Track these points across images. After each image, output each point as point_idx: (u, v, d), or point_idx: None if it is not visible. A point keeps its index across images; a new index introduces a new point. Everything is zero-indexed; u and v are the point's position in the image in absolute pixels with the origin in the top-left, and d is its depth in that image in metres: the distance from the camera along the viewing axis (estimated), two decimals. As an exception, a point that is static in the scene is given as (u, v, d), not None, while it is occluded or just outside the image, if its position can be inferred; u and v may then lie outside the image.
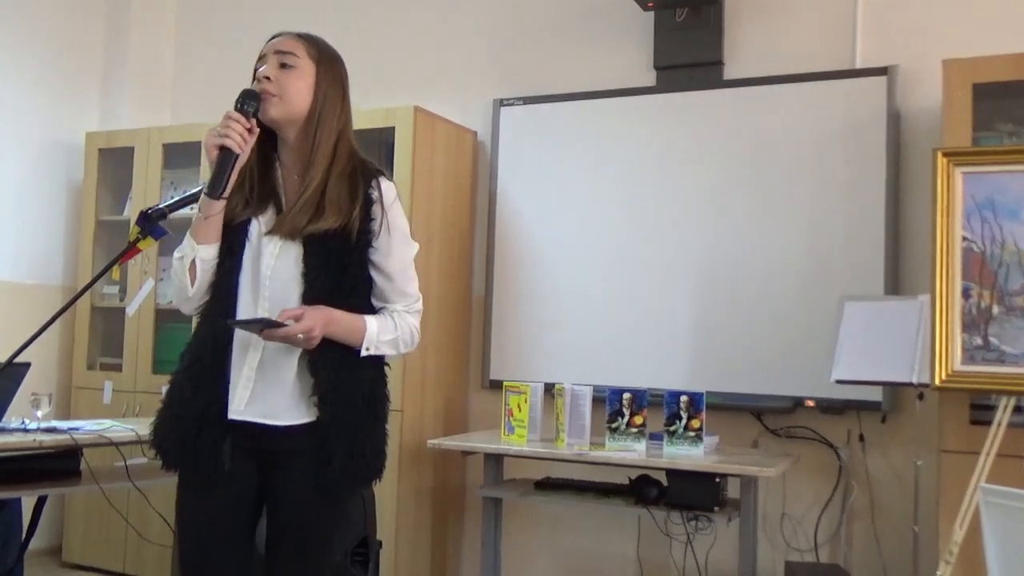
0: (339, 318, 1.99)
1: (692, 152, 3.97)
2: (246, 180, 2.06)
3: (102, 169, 4.88)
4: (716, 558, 3.70)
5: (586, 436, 3.45)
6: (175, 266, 2.06)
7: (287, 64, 2.05)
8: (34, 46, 4.87)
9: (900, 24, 3.73)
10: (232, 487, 2.03)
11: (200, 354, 2.05)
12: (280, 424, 1.99)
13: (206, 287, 2.06)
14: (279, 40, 2.09)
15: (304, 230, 1.99)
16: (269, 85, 2.02)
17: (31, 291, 4.81)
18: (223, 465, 2.01)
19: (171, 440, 2.04)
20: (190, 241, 2.04)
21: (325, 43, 2.14)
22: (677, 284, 3.94)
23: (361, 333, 2.03)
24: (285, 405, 2.00)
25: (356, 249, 2.04)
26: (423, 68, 4.62)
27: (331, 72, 2.09)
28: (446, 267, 4.24)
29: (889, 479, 3.59)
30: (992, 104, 3.20)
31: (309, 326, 1.92)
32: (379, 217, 2.05)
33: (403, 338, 2.11)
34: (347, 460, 1.99)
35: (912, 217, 3.60)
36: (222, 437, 2.01)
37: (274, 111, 2.03)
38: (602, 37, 4.25)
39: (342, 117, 2.08)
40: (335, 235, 2.00)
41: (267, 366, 2.01)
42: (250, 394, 2.00)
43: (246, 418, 1.99)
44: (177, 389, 2.06)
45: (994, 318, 2.74)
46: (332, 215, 2.00)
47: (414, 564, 4.01)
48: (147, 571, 4.42)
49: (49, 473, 3.22)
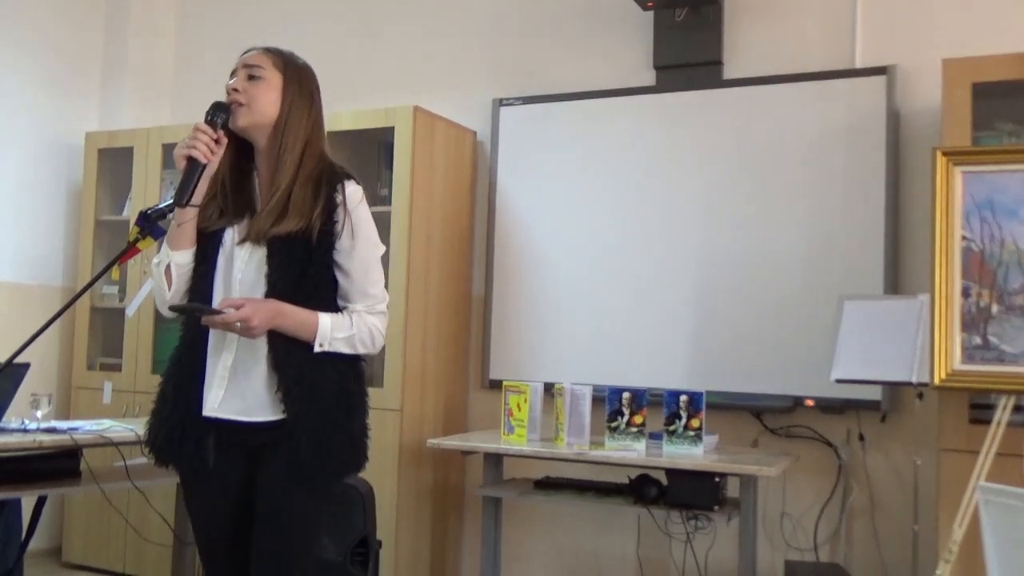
0: (289, 312, 2.06)
1: (691, 152, 3.97)
2: (220, 190, 2.17)
3: (102, 169, 4.88)
4: (716, 557, 3.70)
5: (586, 435, 3.45)
6: (153, 271, 2.17)
7: (254, 76, 2.14)
8: (34, 46, 4.87)
9: (900, 24, 3.73)
10: (219, 481, 2.13)
11: (179, 356, 2.17)
12: (254, 420, 2.08)
13: (184, 291, 2.16)
14: (248, 55, 2.20)
15: (267, 233, 2.08)
16: (237, 95, 2.13)
17: (31, 291, 4.81)
18: (207, 461, 2.11)
19: (160, 439, 2.14)
20: (166, 248, 2.15)
21: (292, 55, 2.23)
22: (677, 283, 3.94)
23: (313, 328, 2.08)
24: (258, 402, 2.08)
25: (317, 251, 2.10)
26: (423, 68, 4.62)
27: (297, 81, 2.18)
28: (446, 267, 4.25)
29: (889, 478, 3.60)
30: (992, 103, 3.20)
31: (246, 315, 1.99)
32: (341, 219, 2.12)
33: (360, 337, 2.14)
34: (314, 452, 2.06)
35: (911, 216, 3.60)
36: (206, 434, 2.10)
37: (243, 120, 2.13)
38: (602, 37, 4.25)
39: (309, 123, 2.17)
40: (297, 237, 2.08)
41: (240, 365, 2.09)
42: (224, 392, 2.09)
43: (220, 415, 2.09)
44: (163, 389, 2.18)
45: (993, 317, 2.75)
46: (294, 217, 2.08)
47: (414, 563, 4.01)
48: (147, 571, 4.42)
49: (49, 473, 3.22)
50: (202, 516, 2.19)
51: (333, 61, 4.66)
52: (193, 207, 2.10)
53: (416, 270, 4.02)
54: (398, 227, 3.97)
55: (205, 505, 2.17)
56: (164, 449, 2.14)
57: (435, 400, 4.16)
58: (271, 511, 2.08)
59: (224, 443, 2.12)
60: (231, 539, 2.14)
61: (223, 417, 2.09)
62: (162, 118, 5.23)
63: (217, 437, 2.11)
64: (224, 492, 2.13)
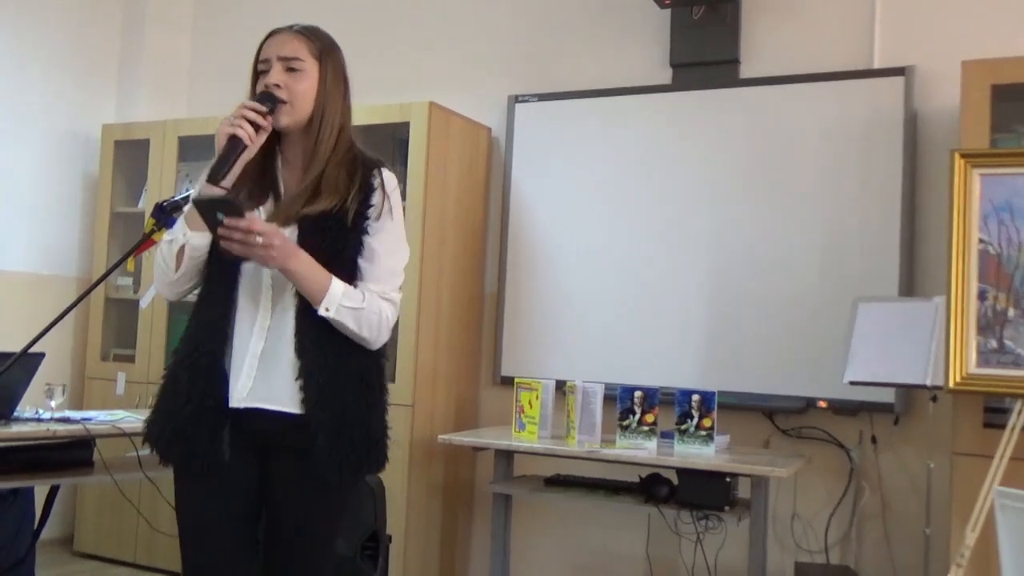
0: (305, 259, 1.94)
1: (707, 150, 3.95)
2: (248, 174, 2.04)
3: (118, 161, 4.90)
4: (726, 558, 3.69)
5: (597, 434, 3.45)
6: (163, 248, 2.04)
7: (293, 68, 2.03)
8: (51, 38, 4.89)
9: (918, 24, 3.71)
10: (230, 477, 2.00)
11: (197, 343, 2.02)
12: (282, 410, 1.97)
13: (192, 275, 2.04)
14: (281, 41, 2.06)
15: (299, 213, 1.99)
16: (280, 92, 2.01)
17: (46, 282, 4.83)
18: (222, 455, 1.98)
19: (168, 432, 2.01)
20: (183, 226, 2.01)
21: (325, 34, 2.12)
22: (690, 282, 3.93)
23: (324, 287, 1.96)
24: (284, 390, 1.97)
25: (353, 232, 2.01)
26: (438, 64, 4.62)
27: (332, 67, 2.08)
28: (459, 263, 4.25)
29: (901, 481, 3.58)
30: (1010, 106, 3.17)
31: (270, 231, 1.88)
32: (379, 202, 2.05)
33: (368, 317, 2.01)
34: (332, 449, 1.95)
35: (928, 218, 3.58)
36: (221, 426, 1.98)
37: (285, 119, 2.02)
38: (618, 34, 4.24)
39: (344, 111, 2.09)
40: (331, 217, 1.99)
41: (269, 352, 1.99)
42: (252, 383, 1.98)
43: (249, 405, 1.97)
44: (172, 381, 2.04)
45: (1009, 321, 2.73)
46: (328, 196, 1.99)
47: (424, 559, 4.02)
48: (158, 561, 4.44)
49: (62, 463, 3.23)
50: (201, 514, 2.03)
51: (349, 55, 4.64)
52: (222, 189, 1.96)
53: (429, 266, 4.02)
54: (412, 223, 3.97)
55: (215, 505, 2.01)
56: (173, 444, 2.00)
57: (447, 396, 4.16)
58: (284, 512, 2.01)
59: (240, 437, 2.00)
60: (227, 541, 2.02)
61: (250, 407, 1.97)
62: (178, 110, 5.25)
63: (232, 431, 1.99)
64: (237, 491, 2.02)
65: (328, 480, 1.98)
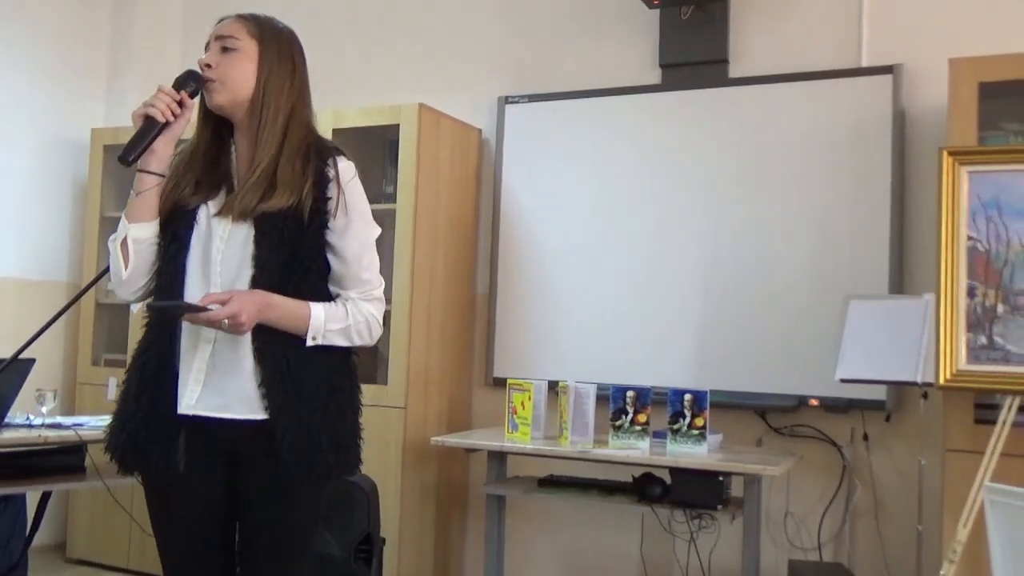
0: (277, 304, 1.88)
1: (697, 150, 3.96)
2: (195, 163, 2.01)
3: (107, 166, 4.87)
4: (719, 556, 3.69)
5: (590, 434, 3.45)
6: (110, 249, 1.98)
7: (228, 47, 1.99)
8: (39, 42, 4.87)
9: (906, 23, 3.72)
10: (193, 489, 1.94)
11: (146, 348, 1.98)
12: (236, 417, 1.89)
13: (145, 270, 1.98)
14: (221, 24, 2.03)
15: (255, 209, 1.90)
16: (210, 72, 1.97)
17: (36, 287, 4.82)
18: (177, 465, 1.91)
19: (123, 440, 1.94)
20: (123, 221, 1.96)
21: (270, 20, 2.05)
22: (681, 282, 3.94)
23: (305, 320, 1.91)
24: (240, 398, 1.89)
25: (310, 230, 1.93)
26: (428, 65, 4.62)
27: (275, 48, 2.00)
28: (450, 264, 4.24)
29: (893, 478, 3.59)
30: (998, 103, 3.19)
31: (234, 311, 1.81)
32: (335, 196, 1.95)
33: (356, 328, 1.97)
34: (298, 453, 1.88)
35: (917, 216, 3.59)
36: (174, 435, 1.91)
37: (218, 97, 1.97)
38: (607, 35, 4.25)
39: (292, 93, 1.99)
40: (287, 215, 1.90)
41: (220, 358, 1.91)
42: (202, 388, 1.90)
43: (198, 412, 1.89)
44: (125, 387, 1.98)
45: (999, 317, 2.74)
46: (284, 192, 1.90)
47: (417, 561, 4.01)
48: (151, 567, 4.42)
49: (53, 469, 3.23)
50: (172, 529, 1.97)
51: (339, 58, 4.68)
52: (154, 175, 1.94)
53: (420, 267, 4.02)
54: (403, 224, 3.98)
55: (176, 517, 1.96)
56: (127, 454, 1.93)
57: (439, 398, 4.16)
58: (257, 522, 1.95)
59: (198, 446, 1.92)
60: (199, 554, 1.97)
61: (200, 415, 1.89)
62: (167, 115, 5.22)
63: (189, 439, 1.91)
64: (199, 502, 1.95)
65: (297, 487, 1.92)
